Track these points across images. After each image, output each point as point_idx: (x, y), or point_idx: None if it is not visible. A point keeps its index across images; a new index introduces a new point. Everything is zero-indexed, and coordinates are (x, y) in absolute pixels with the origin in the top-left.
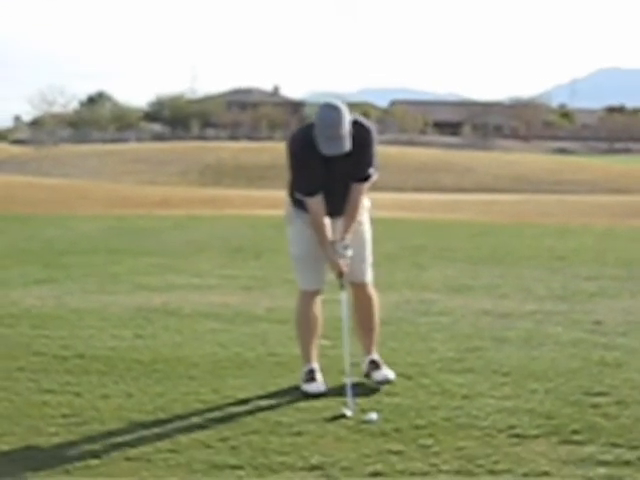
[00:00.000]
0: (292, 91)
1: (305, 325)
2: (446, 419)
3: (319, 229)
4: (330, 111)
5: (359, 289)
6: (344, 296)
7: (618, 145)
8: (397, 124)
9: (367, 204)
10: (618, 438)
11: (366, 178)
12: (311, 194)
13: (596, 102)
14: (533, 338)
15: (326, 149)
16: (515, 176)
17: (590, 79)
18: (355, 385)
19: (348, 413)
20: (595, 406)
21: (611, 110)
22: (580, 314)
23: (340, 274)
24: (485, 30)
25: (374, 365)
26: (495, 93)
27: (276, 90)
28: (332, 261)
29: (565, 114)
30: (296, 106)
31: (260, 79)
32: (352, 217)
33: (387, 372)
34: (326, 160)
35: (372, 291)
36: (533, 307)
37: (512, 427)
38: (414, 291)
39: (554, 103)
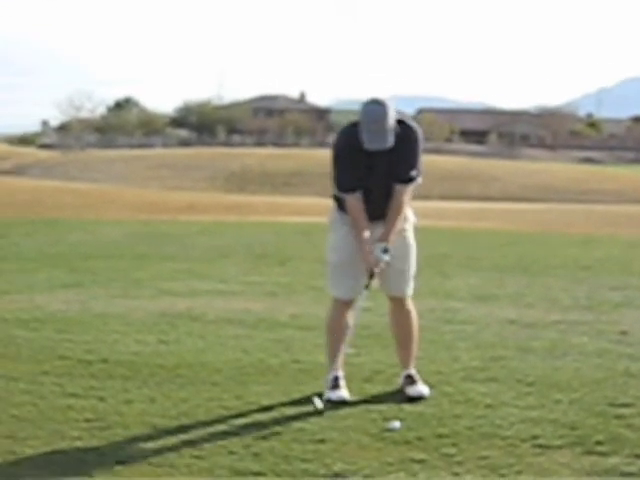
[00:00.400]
0: (319, 98)
1: (335, 333)
2: (469, 428)
3: (357, 226)
4: (375, 106)
5: (398, 303)
6: (364, 294)
7: None
8: (424, 132)
9: (413, 219)
10: None
11: (409, 180)
12: (351, 190)
13: (623, 111)
14: (558, 348)
15: (369, 143)
16: (541, 185)
17: (617, 88)
18: (379, 394)
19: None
20: (619, 417)
21: (638, 120)
22: (605, 324)
23: (371, 273)
24: (513, 39)
25: (410, 380)
26: (522, 102)
27: (302, 97)
28: (366, 259)
29: (592, 123)
30: (322, 113)
31: (287, 86)
32: (394, 220)
33: (422, 388)
34: (368, 158)
35: (411, 306)
36: (558, 317)
37: (536, 437)
38: (438, 299)
39: (581, 112)
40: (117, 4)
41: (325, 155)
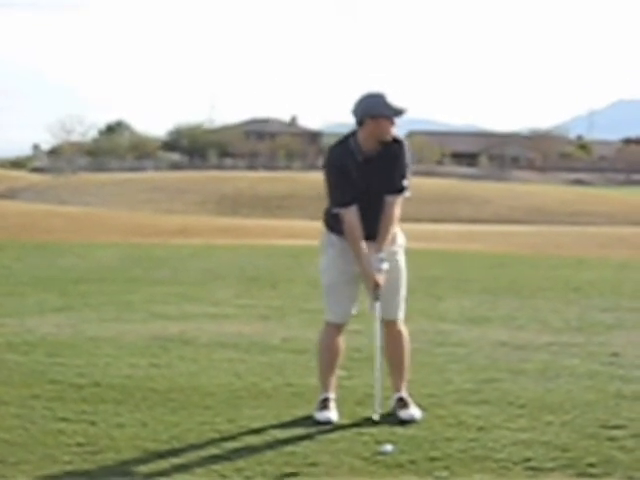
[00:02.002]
0: (309, 121)
1: (326, 356)
2: (462, 451)
3: (354, 240)
4: (374, 93)
5: (390, 326)
6: (378, 307)
7: (635, 177)
8: (415, 154)
9: (403, 242)
10: (635, 471)
11: (400, 190)
12: (346, 204)
13: (614, 134)
14: (549, 370)
15: (391, 108)
16: (531, 207)
17: (608, 111)
18: (371, 417)
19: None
20: (612, 439)
21: (628, 142)
22: (597, 346)
23: (376, 285)
24: (503, 61)
25: (402, 403)
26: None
27: (293, 120)
28: (367, 273)
29: (582, 146)
30: (314, 136)
31: (278, 109)
32: (386, 230)
33: (414, 411)
34: (360, 172)
35: (403, 328)
36: (550, 339)
37: (528, 460)
38: (430, 322)
39: (572, 134)
40: (105, 26)
41: (317, 178)
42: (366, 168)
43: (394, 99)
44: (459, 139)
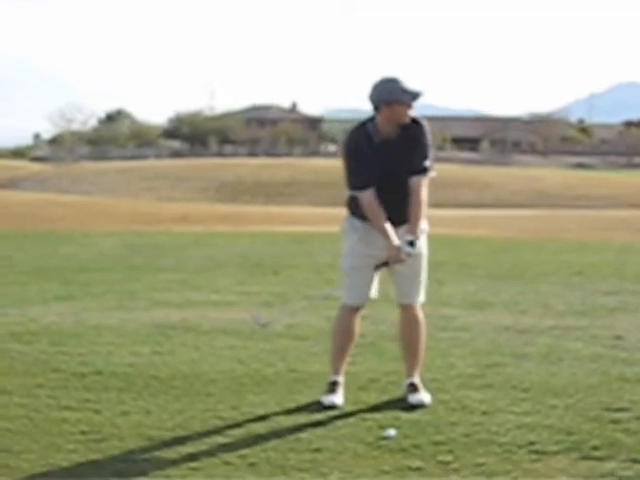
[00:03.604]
0: (310, 107)
1: (340, 338)
2: (466, 435)
3: (377, 217)
4: (388, 79)
5: (408, 311)
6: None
7: (637, 160)
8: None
9: (426, 227)
10: (639, 454)
11: (423, 170)
12: (363, 187)
13: (615, 117)
14: (553, 354)
15: (407, 92)
16: (533, 191)
17: (609, 94)
18: (375, 402)
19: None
20: (615, 422)
21: (629, 125)
22: (600, 329)
23: (385, 262)
24: (504, 45)
25: (412, 388)
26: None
27: (294, 106)
28: (392, 245)
29: (583, 129)
30: (314, 122)
31: (278, 95)
32: (417, 212)
33: (423, 396)
34: (382, 155)
35: (420, 314)
36: (553, 323)
37: (532, 443)
38: (433, 307)
39: (572, 118)
40: (104, 14)
41: (319, 164)
42: (386, 150)
43: (409, 83)
44: (460, 124)
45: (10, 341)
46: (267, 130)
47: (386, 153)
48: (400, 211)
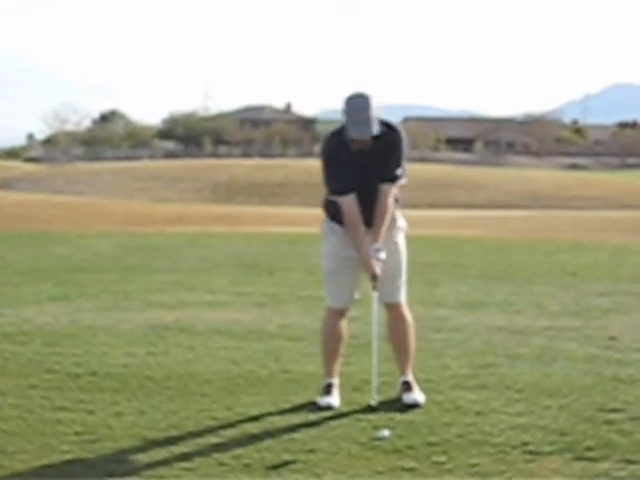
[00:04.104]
0: (304, 108)
1: (329, 342)
2: (459, 436)
3: (354, 229)
4: (358, 97)
5: (393, 309)
6: (376, 296)
7: (631, 160)
8: (410, 141)
9: (403, 225)
10: (633, 454)
11: (393, 179)
12: (344, 193)
13: (609, 118)
14: (547, 354)
15: (357, 133)
16: (527, 192)
17: (603, 95)
18: (369, 403)
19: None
20: (609, 422)
21: (623, 126)
22: (594, 330)
23: (373, 276)
24: (498, 46)
25: (406, 386)
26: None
27: (288, 107)
28: (366, 262)
29: (577, 130)
30: (308, 123)
31: (272, 96)
32: (381, 219)
33: (417, 396)
34: (356, 161)
35: (406, 312)
36: (546, 323)
37: (526, 444)
38: (427, 307)
39: (567, 119)
40: (98, 14)
41: (312, 165)
42: (361, 157)
43: (374, 100)
44: (454, 124)
45: (4, 342)
46: (261, 131)
47: (361, 161)
48: (371, 216)
